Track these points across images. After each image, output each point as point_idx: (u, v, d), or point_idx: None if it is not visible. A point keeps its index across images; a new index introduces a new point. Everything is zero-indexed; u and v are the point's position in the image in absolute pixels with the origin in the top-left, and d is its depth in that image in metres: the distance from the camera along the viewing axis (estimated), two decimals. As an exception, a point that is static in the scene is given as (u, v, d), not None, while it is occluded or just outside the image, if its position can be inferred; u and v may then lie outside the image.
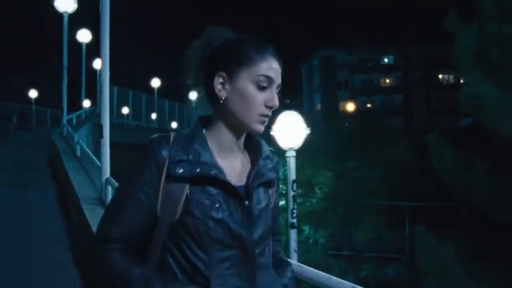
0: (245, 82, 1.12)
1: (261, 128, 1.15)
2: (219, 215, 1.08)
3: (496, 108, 5.54)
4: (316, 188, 17.85)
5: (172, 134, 1.16)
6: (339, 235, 17.88)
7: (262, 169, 1.19)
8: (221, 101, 1.13)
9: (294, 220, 5.76)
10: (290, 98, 61.39)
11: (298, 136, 5.74)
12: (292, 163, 5.77)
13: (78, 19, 14.79)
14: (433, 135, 8.12)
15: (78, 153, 7.91)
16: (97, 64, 22.00)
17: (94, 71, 22.01)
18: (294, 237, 5.75)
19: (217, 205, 1.09)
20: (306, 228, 17.54)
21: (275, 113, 1.22)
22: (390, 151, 15.27)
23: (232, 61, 1.12)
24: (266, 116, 1.14)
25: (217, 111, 1.17)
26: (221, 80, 1.13)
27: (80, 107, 17.26)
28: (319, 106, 49.52)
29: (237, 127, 1.16)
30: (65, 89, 10.59)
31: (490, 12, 5.57)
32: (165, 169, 1.10)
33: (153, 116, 29.94)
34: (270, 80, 1.13)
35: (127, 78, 33.88)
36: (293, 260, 4.93)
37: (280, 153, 5.66)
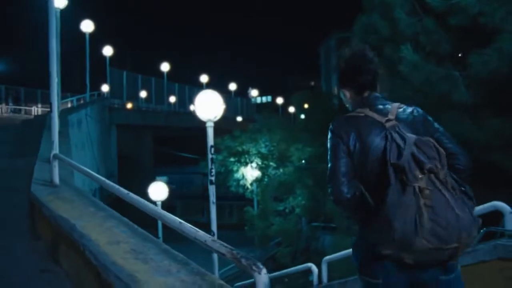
0: None
1: None
2: None
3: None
4: (288, 162, 19.17)
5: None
6: (313, 206, 19.22)
7: None
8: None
9: (213, 178, 7.15)
10: (311, 80, 62.04)
11: (215, 110, 7.08)
12: (210, 131, 7.16)
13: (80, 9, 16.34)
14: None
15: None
16: (106, 51, 23.71)
17: (104, 58, 23.74)
18: (212, 191, 7.15)
19: None
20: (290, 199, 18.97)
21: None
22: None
23: None
24: None
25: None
26: None
27: (85, 91, 18.88)
28: (336, 88, 49.85)
29: None
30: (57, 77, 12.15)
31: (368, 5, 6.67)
32: None
33: (172, 99, 31.49)
34: None
35: (138, 64, 35.69)
36: (213, 210, 6.37)
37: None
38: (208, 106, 7.16)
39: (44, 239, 4.51)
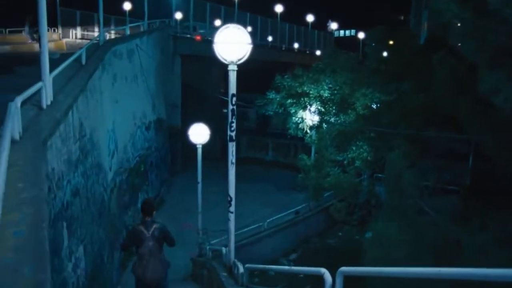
0: None
1: None
2: None
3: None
4: (350, 109, 17.06)
5: None
6: (375, 160, 17.39)
7: None
8: None
9: (233, 134, 5.89)
10: (401, 14, 56.42)
11: (239, 50, 5.68)
12: (232, 77, 5.81)
13: None
14: (438, 56, 7.30)
15: (84, 61, 8.80)
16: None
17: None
18: (232, 149, 5.94)
19: None
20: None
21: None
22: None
23: None
24: None
25: None
26: None
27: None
28: (425, 24, 45.06)
29: None
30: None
31: None
32: None
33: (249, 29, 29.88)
34: None
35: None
36: (231, 172, 5.16)
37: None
38: (231, 45, 5.77)
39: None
